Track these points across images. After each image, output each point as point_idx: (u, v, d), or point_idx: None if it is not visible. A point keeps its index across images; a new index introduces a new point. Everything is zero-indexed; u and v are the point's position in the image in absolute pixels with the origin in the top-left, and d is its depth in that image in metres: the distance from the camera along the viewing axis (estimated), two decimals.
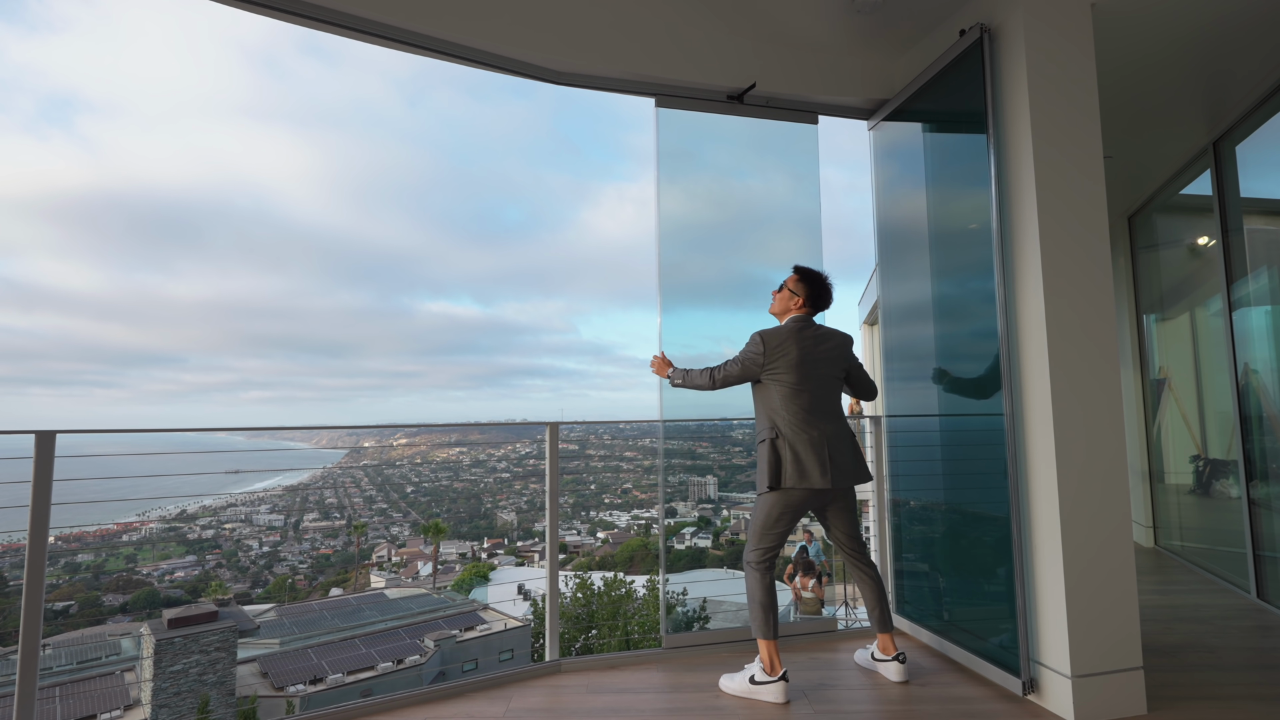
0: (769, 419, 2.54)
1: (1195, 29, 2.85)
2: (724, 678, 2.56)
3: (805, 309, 2.64)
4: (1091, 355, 2.36)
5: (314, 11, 2.58)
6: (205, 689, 15.47)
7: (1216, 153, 3.88)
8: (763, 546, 2.52)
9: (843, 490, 2.58)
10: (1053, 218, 2.38)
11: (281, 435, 44.35)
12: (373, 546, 38.97)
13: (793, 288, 2.66)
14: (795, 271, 2.69)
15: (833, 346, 2.61)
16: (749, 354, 2.58)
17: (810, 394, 2.51)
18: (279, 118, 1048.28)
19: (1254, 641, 2.96)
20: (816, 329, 2.62)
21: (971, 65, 2.62)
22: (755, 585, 2.51)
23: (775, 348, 2.54)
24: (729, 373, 2.61)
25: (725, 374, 2.62)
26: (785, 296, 2.67)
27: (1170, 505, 4.85)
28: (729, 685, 2.52)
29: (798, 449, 2.46)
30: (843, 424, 2.59)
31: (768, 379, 2.56)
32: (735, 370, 2.60)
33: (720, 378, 2.62)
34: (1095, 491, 2.32)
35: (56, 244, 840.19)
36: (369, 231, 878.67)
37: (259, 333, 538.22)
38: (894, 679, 2.59)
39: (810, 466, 2.44)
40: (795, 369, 2.51)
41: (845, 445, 2.54)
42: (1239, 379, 3.79)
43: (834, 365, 2.60)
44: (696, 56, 3.10)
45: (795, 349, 2.53)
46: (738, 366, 2.60)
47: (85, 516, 31.54)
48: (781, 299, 2.69)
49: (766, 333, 2.59)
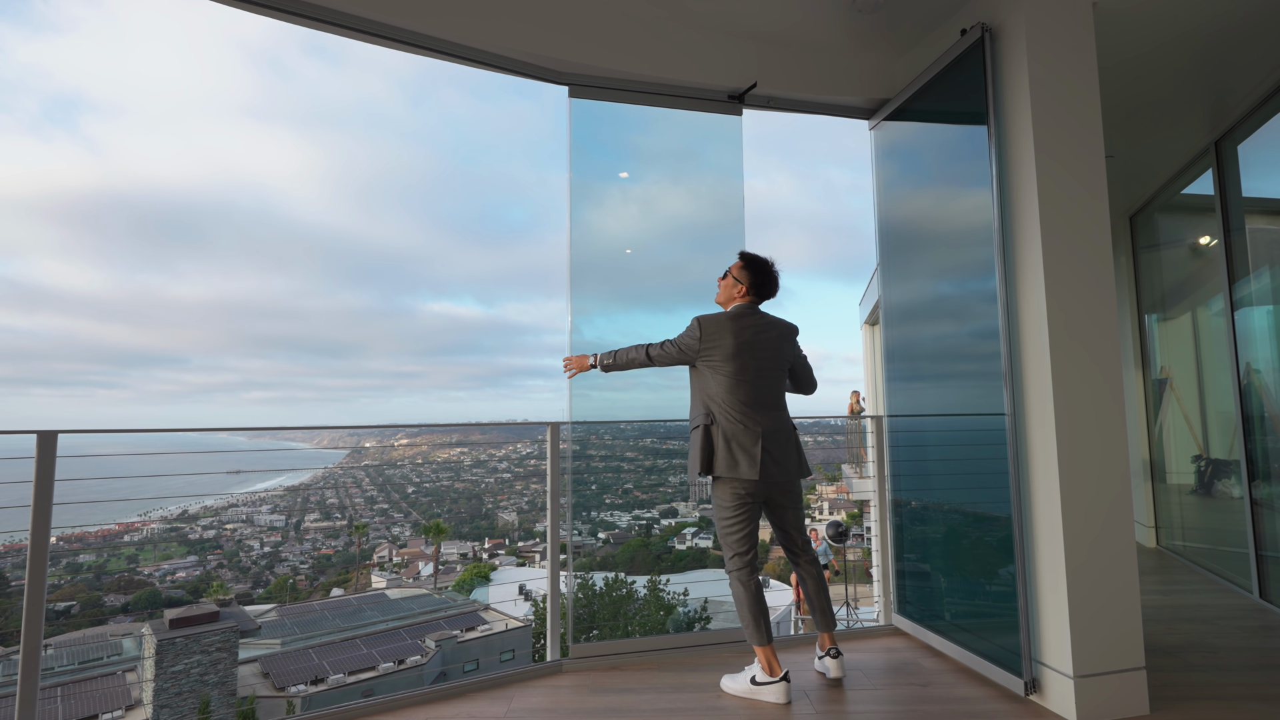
0: (704, 406, 2.49)
1: (1197, 27, 2.85)
2: (725, 678, 2.55)
3: (749, 297, 2.56)
4: (1094, 355, 2.36)
5: (316, 12, 2.58)
6: (206, 689, 15.48)
7: (1218, 152, 3.88)
8: (733, 551, 2.46)
9: (784, 486, 2.52)
10: (1054, 217, 2.37)
11: (283, 435, 44.36)
12: (374, 547, 39.01)
13: (736, 275, 2.58)
14: (740, 258, 2.60)
15: (774, 337, 2.53)
16: (685, 339, 2.51)
17: (750, 385, 2.45)
18: (282, 118, 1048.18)
19: (1256, 642, 2.96)
20: (759, 318, 2.54)
21: (973, 65, 2.62)
22: (739, 593, 2.45)
23: (711, 335, 2.47)
24: (666, 352, 2.55)
25: (662, 352, 2.55)
26: (729, 284, 2.59)
27: (1172, 505, 4.85)
28: (730, 686, 2.51)
29: (731, 439, 2.41)
30: (783, 417, 2.53)
31: (704, 366, 2.50)
32: (672, 351, 2.54)
33: (656, 354, 2.56)
34: (1097, 491, 2.31)
35: (59, 245, 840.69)
36: (371, 232, 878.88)
37: (261, 333, 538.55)
38: (831, 675, 2.59)
39: (740, 458, 2.39)
40: (733, 359, 2.45)
41: (783, 439, 2.48)
42: (1241, 379, 3.79)
43: (775, 356, 2.52)
44: (698, 56, 3.10)
45: (732, 338, 2.46)
46: (674, 349, 2.53)
47: (87, 517, 31.57)
48: (726, 286, 2.61)
49: (705, 318, 2.51)
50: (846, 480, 9.28)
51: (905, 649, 2.96)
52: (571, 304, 3.02)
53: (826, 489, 40.67)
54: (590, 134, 3.14)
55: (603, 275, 3.12)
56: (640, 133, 3.28)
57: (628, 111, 3.17)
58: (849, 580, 9.65)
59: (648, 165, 3.29)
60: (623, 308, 3.18)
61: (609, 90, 3.09)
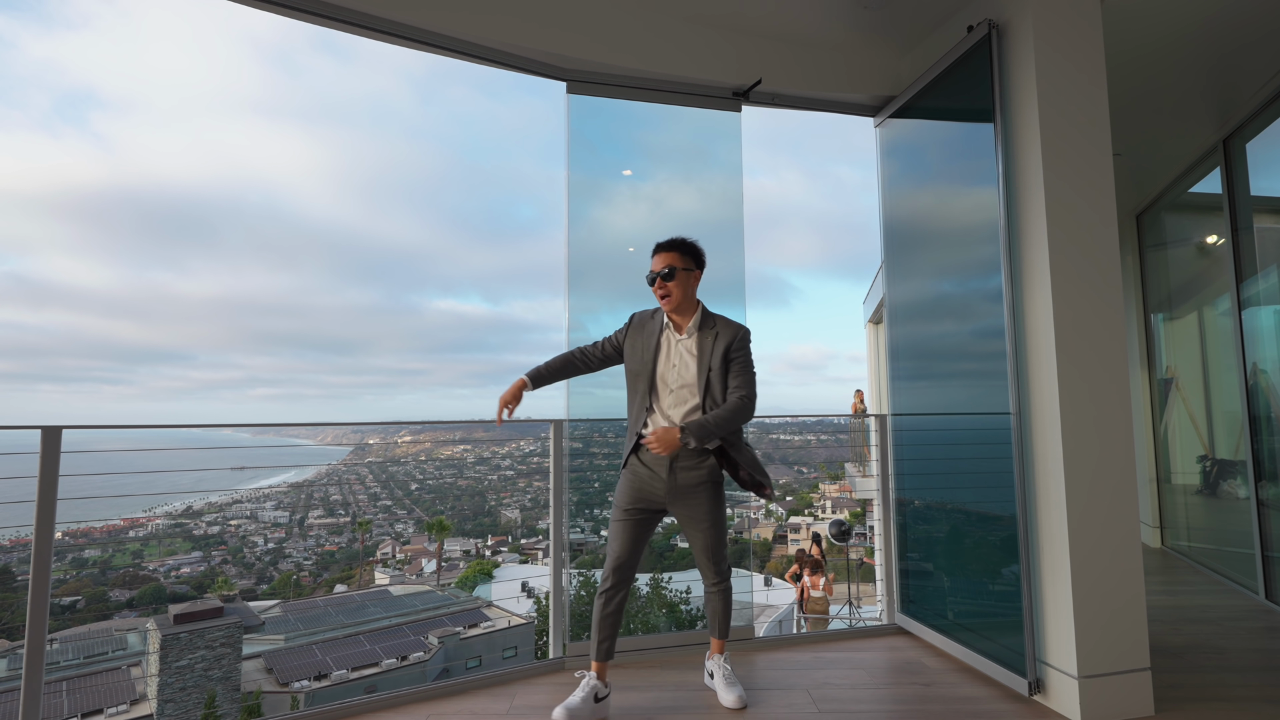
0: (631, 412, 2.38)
1: (1205, 25, 2.83)
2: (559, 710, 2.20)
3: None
4: (1100, 354, 2.34)
5: (325, 9, 2.58)
6: (211, 684, 15.56)
7: (1226, 150, 3.85)
8: (608, 560, 2.29)
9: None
10: (1061, 215, 2.36)
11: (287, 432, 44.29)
12: (377, 543, 39.11)
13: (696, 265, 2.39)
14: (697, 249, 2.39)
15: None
16: (613, 336, 2.44)
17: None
18: (290, 114, 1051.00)
19: (1262, 643, 2.94)
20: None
21: (979, 61, 2.61)
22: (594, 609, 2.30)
23: (635, 330, 2.39)
24: (590, 353, 2.44)
25: (590, 353, 2.44)
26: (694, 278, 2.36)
27: (1178, 505, 4.82)
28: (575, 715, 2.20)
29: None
30: None
31: (628, 365, 2.38)
32: (596, 351, 2.43)
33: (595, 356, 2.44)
34: (1103, 491, 2.30)
35: (68, 241, 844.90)
36: (378, 229, 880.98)
37: (267, 330, 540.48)
38: (707, 682, 2.52)
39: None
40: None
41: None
42: (1247, 379, 3.76)
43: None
44: (701, 52, 3.09)
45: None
46: (598, 347, 2.43)
47: (93, 512, 31.75)
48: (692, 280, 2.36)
49: (638, 313, 2.43)
50: (850, 479, 9.27)
51: (908, 648, 2.96)
52: (570, 301, 3.01)
53: (829, 487, 40.65)
54: (593, 131, 3.13)
55: (607, 273, 3.11)
56: (643, 129, 3.26)
57: (630, 108, 3.16)
58: (851, 579, 9.65)
59: (650, 162, 3.28)
60: (629, 305, 3.17)
61: (608, 86, 3.08)
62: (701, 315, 2.35)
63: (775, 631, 11.83)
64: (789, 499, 41.60)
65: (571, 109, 3.05)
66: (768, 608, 14.57)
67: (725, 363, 2.27)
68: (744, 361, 2.29)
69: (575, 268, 3.01)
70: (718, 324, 2.33)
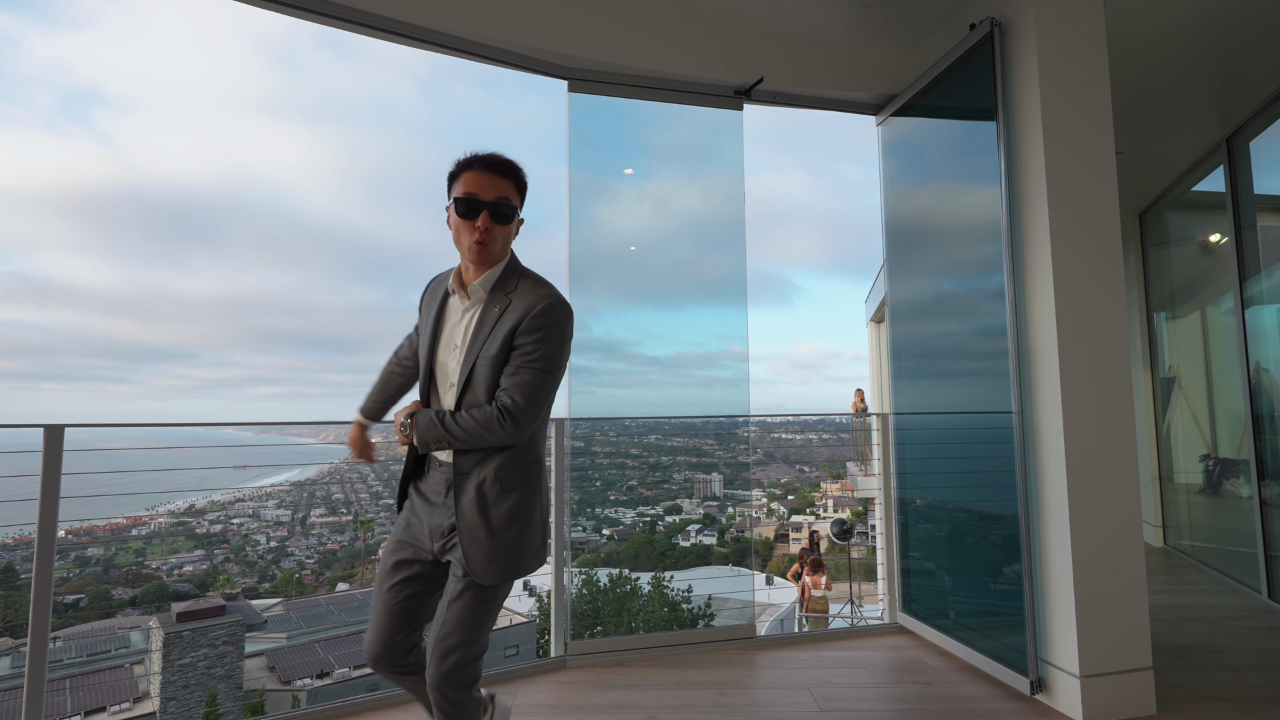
0: None
1: (1208, 22, 2.82)
2: None
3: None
4: (1102, 353, 2.34)
5: (328, 9, 2.58)
6: (213, 682, 15.59)
7: (1230, 149, 3.84)
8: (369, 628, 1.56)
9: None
10: (1063, 214, 2.36)
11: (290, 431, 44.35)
12: (379, 542, 39.16)
13: None
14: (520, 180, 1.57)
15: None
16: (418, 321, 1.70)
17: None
18: (294, 112, 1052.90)
19: (1265, 642, 2.93)
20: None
21: (982, 60, 2.60)
22: None
23: (427, 302, 1.64)
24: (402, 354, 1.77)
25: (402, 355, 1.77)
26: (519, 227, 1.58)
27: (1180, 505, 4.82)
28: None
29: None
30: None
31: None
32: (406, 348, 1.77)
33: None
34: (1105, 490, 2.30)
35: (71, 240, 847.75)
36: (381, 227, 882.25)
37: (269, 329, 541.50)
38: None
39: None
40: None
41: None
42: (1250, 378, 3.76)
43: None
44: (703, 51, 3.09)
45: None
46: (408, 341, 1.77)
47: (95, 511, 31.76)
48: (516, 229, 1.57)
49: (435, 276, 1.69)
50: (851, 478, 9.27)
51: (910, 647, 2.96)
52: (572, 300, 3.00)
53: (831, 486, 40.60)
54: (595, 129, 3.13)
55: (609, 271, 3.11)
56: (644, 128, 3.26)
57: (632, 107, 3.16)
58: (853, 578, 9.64)
59: (652, 160, 3.28)
60: (632, 305, 3.17)
61: (610, 85, 3.08)
62: (502, 273, 1.52)
63: (776, 630, 11.84)
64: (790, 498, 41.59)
65: (573, 107, 3.05)
66: (769, 607, 14.58)
67: (507, 349, 1.44)
68: (533, 353, 1.42)
69: (577, 266, 3.01)
70: (518, 287, 1.49)
